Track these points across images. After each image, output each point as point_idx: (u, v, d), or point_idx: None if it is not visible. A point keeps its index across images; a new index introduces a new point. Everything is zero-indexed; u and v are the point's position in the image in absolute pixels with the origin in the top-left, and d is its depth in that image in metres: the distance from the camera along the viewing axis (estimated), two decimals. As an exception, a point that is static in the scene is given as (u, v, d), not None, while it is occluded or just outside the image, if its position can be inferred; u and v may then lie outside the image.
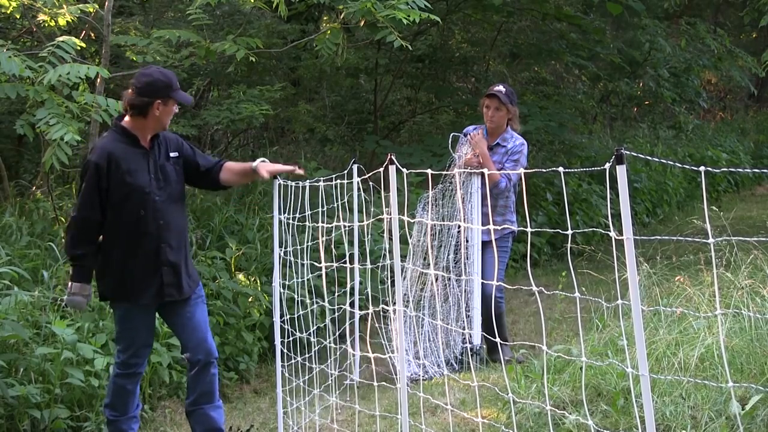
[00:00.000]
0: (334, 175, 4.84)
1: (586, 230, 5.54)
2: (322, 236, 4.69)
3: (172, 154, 4.55)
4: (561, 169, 3.07)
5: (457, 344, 5.99)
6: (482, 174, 5.92)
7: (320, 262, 4.92)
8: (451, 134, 6.32)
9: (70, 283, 4.43)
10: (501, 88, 6.10)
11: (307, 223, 4.82)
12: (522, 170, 4.21)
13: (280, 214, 4.77)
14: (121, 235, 4.37)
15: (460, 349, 5.93)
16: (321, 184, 4.70)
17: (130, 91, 4.46)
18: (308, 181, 4.76)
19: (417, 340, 5.94)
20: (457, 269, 6.07)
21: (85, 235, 4.37)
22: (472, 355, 5.78)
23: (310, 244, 4.95)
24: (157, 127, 4.50)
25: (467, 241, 6.01)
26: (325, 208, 4.79)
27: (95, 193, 4.34)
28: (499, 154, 6.07)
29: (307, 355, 4.80)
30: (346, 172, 4.72)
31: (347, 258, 5.19)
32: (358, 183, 4.83)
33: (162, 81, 4.42)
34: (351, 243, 5.58)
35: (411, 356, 5.85)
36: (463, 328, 5.87)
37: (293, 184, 4.73)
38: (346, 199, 4.92)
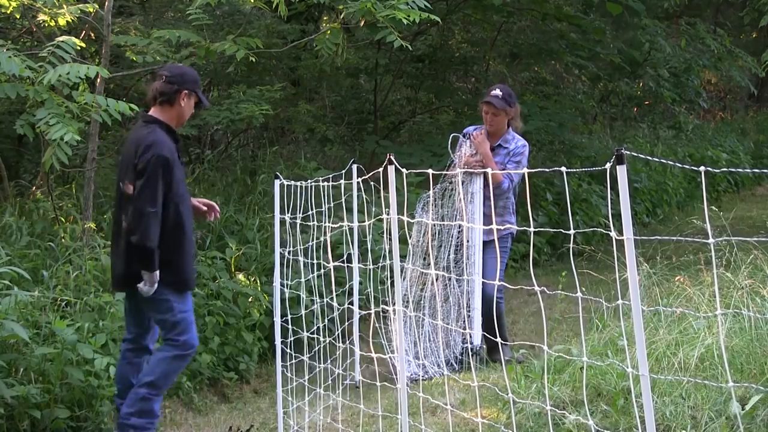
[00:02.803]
0: (332, 175, 4.85)
1: (586, 230, 5.54)
2: (326, 235, 4.69)
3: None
4: (562, 168, 3.06)
5: (457, 344, 5.99)
6: (484, 174, 5.94)
7: (321, 262, 4.93)
8: (451, 135, 6.32)
9: (147, 273, 4.53)
10: (497, 92, 6.07)
11: (308, 222, 4.82)
12: (525, 170, 4.21)
13: (281, 214, 4.77)
14: (184, 227, 4.63)
15: (460, 349, 5.93)
16: (323, 184, 4.70)
17: (158, 81, 4.72)
18: (309, 181, 4.77)
19: (417, 340, 5.94)
20: (457, 269, 6.08)
21: (158, 227, 4.53)
22: (472, 355, 5.78)
23: (311, 244, 4.95)
24: (179, 121, 4.74)
25: (468, 242, 6.01)
26: (325, 208, 4.79)
27: (164, 187, 4.53)
28: (501, 155, 6.08)
29: (307, 355, 4.80)
30: (344, 171, 4.72)
31: (346, 258, 5.20)
32: (358, 183, 4.83)
33: (191, 75, 4.78)
34: (351, 243, 5.57)
35: (411, 356, 5.86)
36: (464, 328, 5.87)
37: (294, 184, 4.74)
38: (344, 199, 4.92)
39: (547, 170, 3.35)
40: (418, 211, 6.15)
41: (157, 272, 4.53)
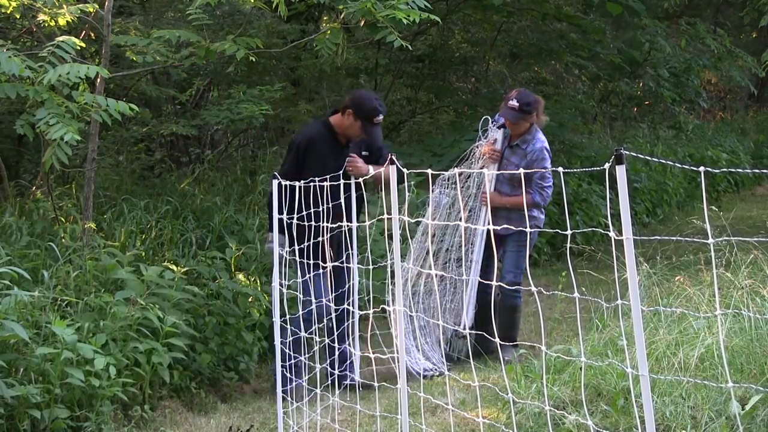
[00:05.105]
0: (332, 175, 4.85)
1: (586, 230, 5.54)
2: (324, 236, 4.69)
3: (363, 153, 5.77)
4: (561, 169, 3.07)
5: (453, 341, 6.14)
6: (499, 168, 6.09)
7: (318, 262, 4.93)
8: (483, 117, 6.37)
9: (269, 234, 5.45)
10: (514, 103, 6.03)
11: (304, 222, 4.82)
12: (522, 170, 4.22)
13: (279, 213, 4.77)
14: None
15: (451, 335, 6.04)
16: (325, 184, 4.70)
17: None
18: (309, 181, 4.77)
19: (417, 336, 5.99)
20: (465, 260, 6.21)
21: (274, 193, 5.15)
22: (459, 338, 5.93)
23: (309, 243, 4.94)
24: (343, 131, 5.71)
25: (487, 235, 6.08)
26: (325, 207, 4.79)
27: (295, 163, 5.64)
28: (517, 156, 6.11)
29: (307, 355, 4.80)
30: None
31: (345, 258, 5.20)
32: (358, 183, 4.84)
33: (367, 105, 5.68)
34: (351, 243, 5.57)
35: (413, 354, 5.89)
36: (455, 322, 6.07)
37: (291, 184, 4.73)
38: (342, 199, 4.92)
39: (544, 170, 3.35)
40: (435, 194, 6.22)
41: (271, 233, 5.28)
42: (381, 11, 6.39)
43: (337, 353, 5.21)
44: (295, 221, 4.73)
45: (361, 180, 5.47)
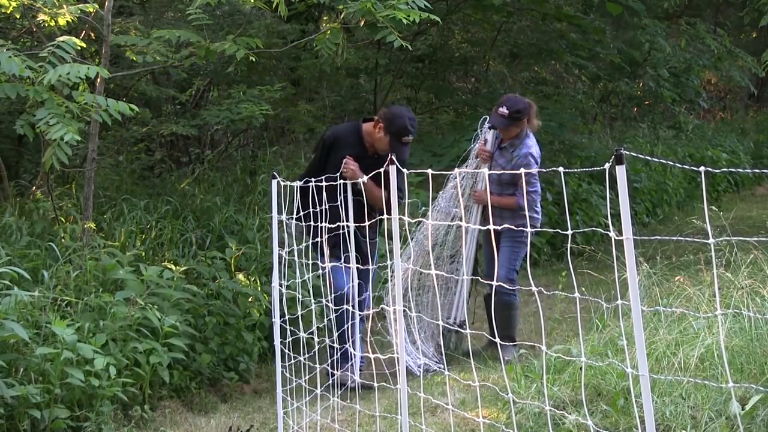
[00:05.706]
0: (329, 175, 4.86)
1: (585, 230, 5.54)
2: (324, 236, 4.69)
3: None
4: (561, 169, 3.06)
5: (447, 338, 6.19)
6: (490, 168, 6.14)
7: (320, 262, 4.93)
8: (482, 117, 6.43)
9: None
10: (504, 110, 6.12)
11: (303, 222, 4.81)
12: (522, 170, 4.23)
13: (279, 214, 4.77)
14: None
15: (443, 330, 6.10)
16: (322, 184, 4.70)
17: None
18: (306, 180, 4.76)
19: (413, 331, 6.03)
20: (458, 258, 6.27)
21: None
22: (452, 334, 5.96)
23: (309, 243, 4.95)
24: (372, 141, 5.80)
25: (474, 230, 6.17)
26: (326, 206, 4.78)
27: (319, 159, 5.88)
28: (504, 158, 6.23)
29: (307, 355, 4.80)
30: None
31: (344, 258, 5.20)
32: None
33: (398, 122, 5.69)
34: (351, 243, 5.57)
35: (414, 349, 5.94)
36: (447, 317, 6.18)
37: (293, 184, 4.73)
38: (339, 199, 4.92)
39: (544, 170, 3.35)
40: (444, 205, 6.33)
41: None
42: (381, 11, 6.39)
43: (338, 352, 5.22)
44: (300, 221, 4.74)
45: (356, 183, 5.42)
